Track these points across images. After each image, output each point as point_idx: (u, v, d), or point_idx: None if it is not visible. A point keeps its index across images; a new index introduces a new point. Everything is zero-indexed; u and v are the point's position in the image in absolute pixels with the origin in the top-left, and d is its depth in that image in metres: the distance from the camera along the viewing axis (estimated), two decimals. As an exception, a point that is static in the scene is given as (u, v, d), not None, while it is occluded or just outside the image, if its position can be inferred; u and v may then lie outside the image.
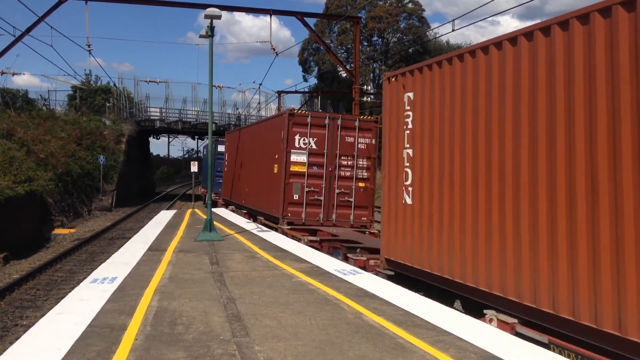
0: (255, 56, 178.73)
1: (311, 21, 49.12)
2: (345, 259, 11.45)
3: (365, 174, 15.57)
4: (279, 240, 13.19)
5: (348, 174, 15.38)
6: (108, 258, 10.52)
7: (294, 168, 15.01)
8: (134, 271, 8.69)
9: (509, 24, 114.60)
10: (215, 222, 14.40)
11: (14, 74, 47.42)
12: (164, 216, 19.90)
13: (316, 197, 15.16)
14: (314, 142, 15.14)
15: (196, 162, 31.09)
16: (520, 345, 5.37)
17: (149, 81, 52.07)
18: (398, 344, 5.23)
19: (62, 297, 7.48)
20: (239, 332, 5.53)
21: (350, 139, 15.39)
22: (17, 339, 5.64)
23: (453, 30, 25.39)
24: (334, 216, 15.30)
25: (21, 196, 19.95)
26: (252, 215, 19.45)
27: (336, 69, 51.45)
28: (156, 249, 11.26)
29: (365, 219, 15.62)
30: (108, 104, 45.02)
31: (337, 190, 15.28)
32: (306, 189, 15.07)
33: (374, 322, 6.00)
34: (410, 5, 60.53)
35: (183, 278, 8.27)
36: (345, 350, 5.03)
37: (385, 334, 5.57)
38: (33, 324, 5.84)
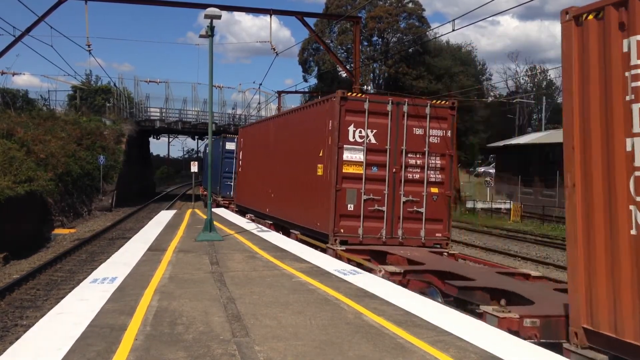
0: (255, 56, 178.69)
1: (311, 21, 49.16)
2: (452, 302, 8.29)
3: (439, 176, 12.24)
4: (279, 240, 13.19)
5: (417, 176, 12.09)
6: (108, 258, 10.53)
7: (347, 169, 11.76)
8: (134, 271, 8.69)
9: (509, 24, 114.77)
10: (215, 222, 14.39)
11: (14, 74, 47.45)
12: (164, 216, 19.89)
13: (377, 207, 11.85)
14: (373, 135, 11.85)
15: (196, 162, 30.69)
16: (520, 345, 5.37)
17: (149, 81, 52.17)
18: (398, 344, 5.23)
19: (62, 297, 7.48)
20: (239, 332, 5.53)
21: (420, 131, 12.07)
22: (17, 339, 5.65)
23: (453, 30, 25.38)
24: (399, 232, 11.97)
25: (21, 196, 19.95)
26: (281, 228, 15.84)
27: (336, 69, 51.47)
28: (156, 249, 11.25)
29: (440, 235, 12.25)
30: (108, 104, 45.06)
31: (403, 198, 11.95)
32: (364, 197, 11.78)
33: (374, 322, 6.00)
34: (410, 5, 60.64)
35: (183, 278, 8.27)
36: (345, 350, 5.03)
37: (385, 334, 5.57)
38: (33, 324, 5.84)
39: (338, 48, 58.95)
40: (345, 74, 43.07)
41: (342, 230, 11.76)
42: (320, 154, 12.57)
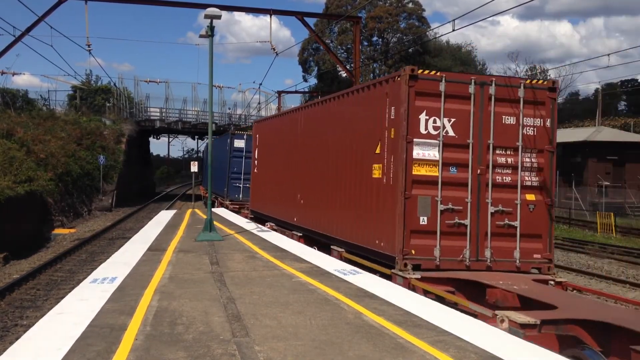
0: (255, 56, 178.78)
1: (311, 21, 49.11)
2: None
3: (536, 178, 9.44)
4: (279, 240, 13.18)
5: (508, 179, 9.36)
6: (108, 258, 10.53)
7: (418, 170, 9.07)
8: (134, 271, 8.69)
9: (509, 24, 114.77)
10: (215, 222, 14.39)
11: (14, 74, 47.44)
12: (164, 216, 19.89)
13: (457, 220, 9.13)
14: (451, 126, 9.17)
15: (196, 162, 30.62)
16: (521, 345, 5.37)
17: (149, 81, 52.16)
18: (398, 344, 5.23)
19: (62, 297, 7.48)
20: (239, 332, 5.53)
21: (511, 120, 9.36)
22: (17, 339, 5.65)
23: (453, 30, 25.39)
24: (487, 253, 9.19)
25: (21, 196, 19.96)
26: (314, 242, 12.99)
27: (336, 69, 51.49)
28: (156, 249, 11.26)
29: (539, 256, 9.40)
30: (108, 104, 45.08)
31: (491, 208, 9.22)
32: (440, 207, 9.07)
33: (374, 322, 6.00)
34: (410, 5, 60.60)
35: (183, 278, 8.27)
36: (345, 350, 5.03)
37: (385, 334, 5.57)
38: (33, 324, 5.84)
39: (338, 48, 58.95)
40: (345, 74, 43.06)
41: (412, 252, 9.05)
42: (377, 151, 9.90)
